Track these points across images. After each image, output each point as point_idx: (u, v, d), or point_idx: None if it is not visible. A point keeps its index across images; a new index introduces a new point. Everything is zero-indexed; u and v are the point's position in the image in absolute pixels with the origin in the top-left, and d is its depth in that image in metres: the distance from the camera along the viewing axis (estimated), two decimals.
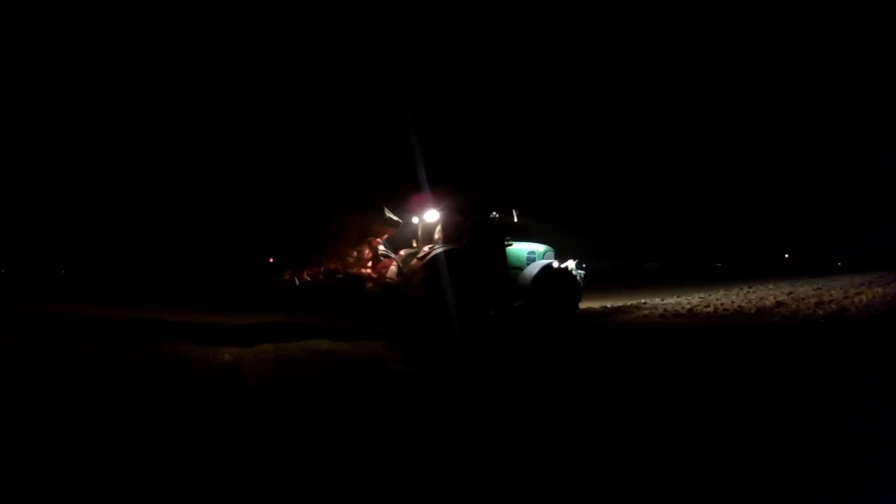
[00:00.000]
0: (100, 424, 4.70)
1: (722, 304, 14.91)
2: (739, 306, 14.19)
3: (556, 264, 12.79)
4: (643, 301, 17.24)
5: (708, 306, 14.73)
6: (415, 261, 11.69)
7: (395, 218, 11.96)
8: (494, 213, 12.46)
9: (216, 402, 5.42)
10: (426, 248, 11.79)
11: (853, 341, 8.58)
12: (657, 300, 17.48)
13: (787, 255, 51.50)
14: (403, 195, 12.49)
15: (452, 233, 12.08)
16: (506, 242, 12.48)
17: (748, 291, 18.61)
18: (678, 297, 18.40)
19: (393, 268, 12.24)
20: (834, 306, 12.78)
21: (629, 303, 16.88)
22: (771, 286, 20.41)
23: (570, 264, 13.24)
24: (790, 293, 16.44)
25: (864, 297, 13.82)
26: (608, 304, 16.00)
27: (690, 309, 14.18)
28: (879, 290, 15.09)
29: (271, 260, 11.80)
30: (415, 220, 12.89)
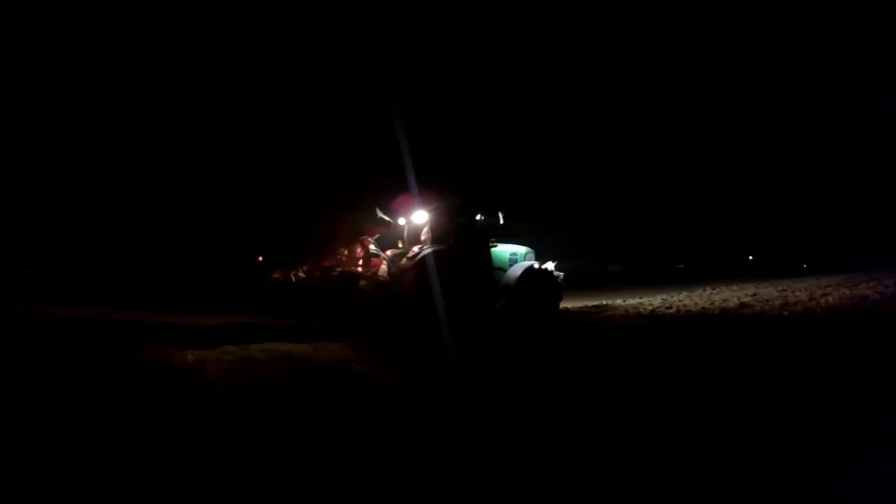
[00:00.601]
0: (52, 428, 4.65)
1: (685, 306, 14.52)
2: (703, 308, 13.87)
3: (536, 265, 13.09)
4: (604, 303, 16.77)
5: (670, 307, 14.34)
6: (404, 261, 11.91)
7: (387, 218, 12.31)
8: (480, 215, 12.81)
9: (171, 405, 5.34)
10: (415, 249, 11.98)
11: (817, 340, 8.37)
12: (619, 301, 17.05)
13: (750, 257, 51.46)
14: (392, 196, 12.75)
15: (440, 234, 12.30)
16: (490, 244, 12.87)
17: (711, 293, 18.25)
18: (640, 298, 18.01)
19: (384, 267, 12.42)
20: (799, 307, 12.40)
21: (589, 304, 16.42)
22: (735, 287, 20.02)
23: (550, 266, 13.48)
24: (754, 294, 16.06)
25: (830, 299, 13.46)
26: (569, 306, 15.33)
27: (652, 311, 13.80)
28: (846, 291, 14.73)
29: (261, 258, 11.99)
30: (402, 220, 13.11)
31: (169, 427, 4.62)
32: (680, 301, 16.02)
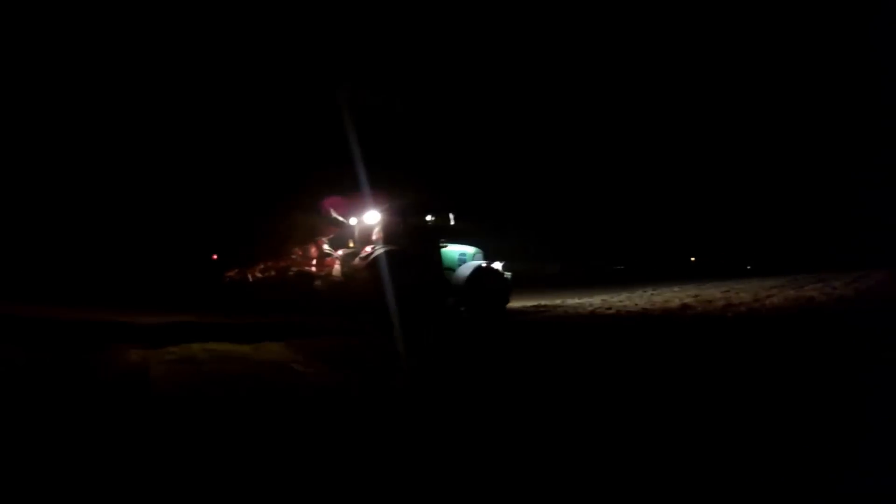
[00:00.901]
0: None
1: (625, 307, 13.96)
2: (643, 308, 13.35)
3: (484, 265, 13.21)
4: (542, 303, 16.00)
5: (610, 308, 13.80)
6: (357, 260, 12.04)
7: (340, 218, 12.46)
8: (430, 215, 12.97)
9: (113, 406, 5.27)
10: (368, 249, 12.10)
11: (760, 342, 8.07)
12: (557, 302, 16.39)
13: (693, 258, 51.51)
14: (343, 195, 12.81)
15: (391, 234, 12.32)
16: (441, 244, 13.04)
17: (652, 294, 17.68)
18: (579, 299, 17.45)
19: (337, 266, 12.47)
20: (743, 308, 11.87)
21: (528, 304, 15.63)
22: (676, 288, 19.50)
23: (498, 265, 13.53)
24: (696, 296, 15.47)
25: (775, 300, 12.93)
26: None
27: (592, 311, 13.29)
28: (792, 293, 14.26)
29: (215, 257, 12.01)
30: (352, 220, 13.18)
31: (101, 429, 4.52)
32: (620, 302, 15.52)
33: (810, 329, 8.85)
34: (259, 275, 11.91)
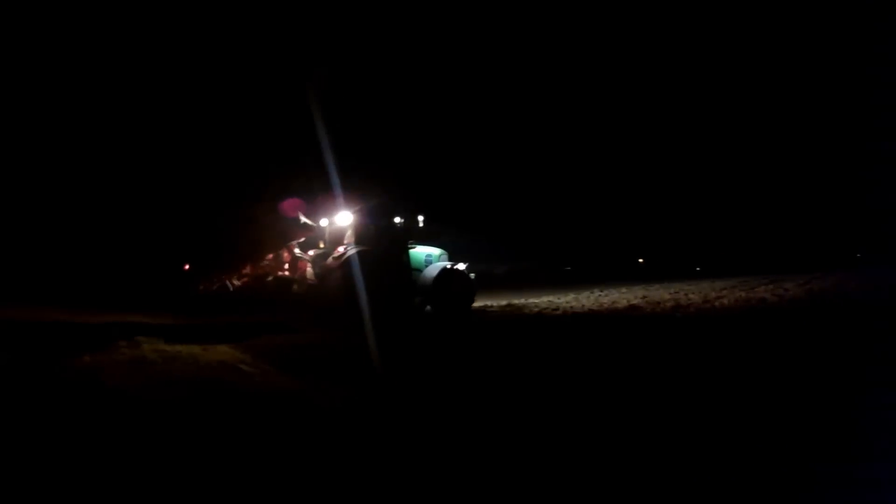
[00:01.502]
0: None
1: (571, 308, 13.70)
2: (590, 309, 13.14)
3: (450, 266, 13.64)
4: (490, 304, 15.69)
5: (556, 309, 13.50)
6: (330, 260, 12.38)
7: (310, 222, 12.80)
8: (398, 217, 13.43)
9: (64, 411, 5.20)
10: (340, 249, 12.45)
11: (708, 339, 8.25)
12: (503, 303, 16.03)
13: (641, 260, 51.43)
14: (313, 198, 13.27)
15: (362, 235, 12.72)
16: (408, 245, 13.48)
17: (599, 294, 17.26)
18: (525, 300, 17.12)
19: (309, 269, 12.79)
20: (692, 310, 11.59)
21: (475, 305, 14.96)
22: (624, 289, 18.99)
23: (461, 266, 13.89)
24: (644, 297, 15.09)
25: (725, 301, 12.50)
26: None
27: (539, 312, 13.12)
28: (742, 294, 13.92)
29: (187, 267, 12.02)
30: (323, 222, 13.54)
31: (50, 433, 4.55)
32: (567, 303, 15.27)
33: (761, 330, 8.79)
34: (237, 283, 12.10)
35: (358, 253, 11.98)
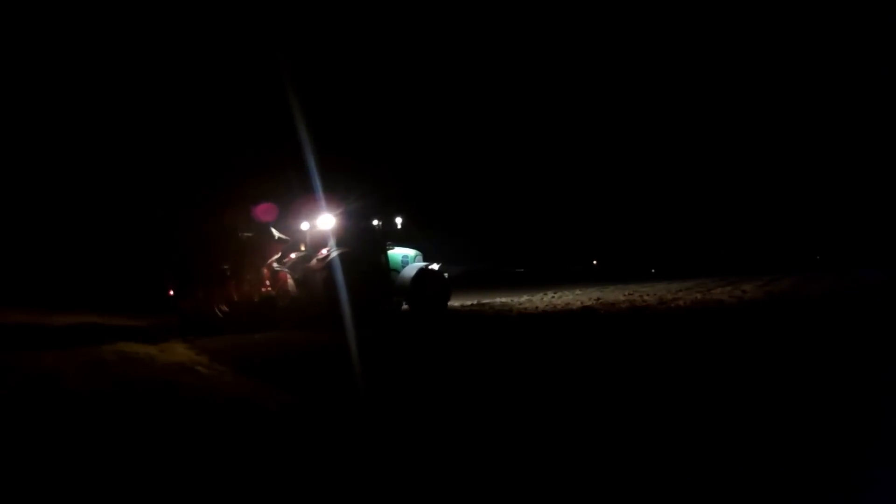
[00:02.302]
0: None
1: (525, 309, 13.20)
2: (543, 311, 12.63)
3: (425, 267, 13.97)
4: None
5: (510, 311, 13.06)
6: (314, 262, 12.61)
7: (284, 237, 12.82)
8: (377, 219, 13.77)
9: (25, 411, 5.25)
10: (324, 251, 12.69)
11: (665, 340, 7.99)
12: (457, 304, 15.62)
13: (595, 262, 51.45)
14: (293, 201, 13.69)
15: (343, 237, 12.94)
16: (386, 247, 13.77)
17: (553, 296, 16.74)
18: (479, 300, 16.84)
19: (290, 280, 12.82)
20: (648, 312, 11.12)
21: None
22: (578, 291, 18.64)
23: (435, 267, 14.21)
24: (598, 299, 14.59)
25: (681, 304, 12.03)
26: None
27: (496, 314, 12.79)
28: (698, 296, 13.55)
29: (171, 293, 11.94)
30: (303, 226, 13.78)
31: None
32: (520, 304, 14.86)
33: (718, 330, 8.48)
34: (225, 308, 11.98)
35: (340, 255, 12.24)
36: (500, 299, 16.89)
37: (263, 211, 12.81)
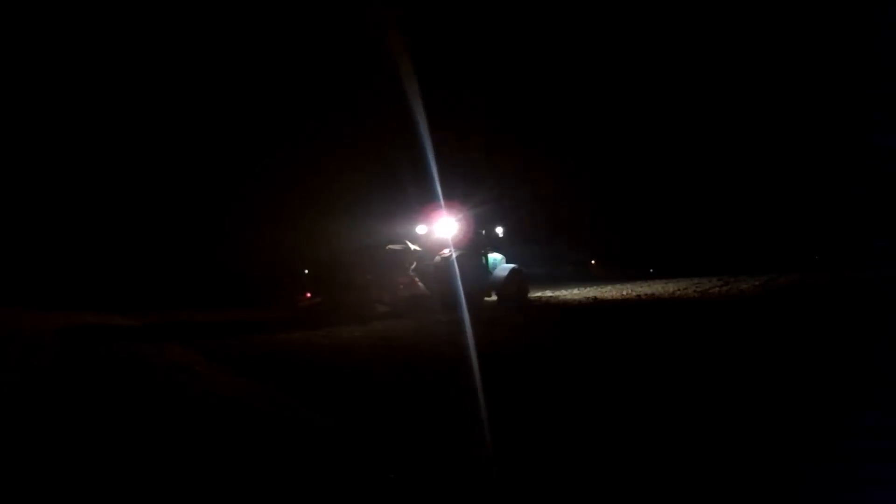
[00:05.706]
0: None
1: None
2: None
3: (513, 268, 15.88)
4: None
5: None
6: (438, 259, 14.43)
7: (415, 247, 14.88)
8: (483, 228, 16.02)
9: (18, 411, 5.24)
10: (445, 252, 14.54)
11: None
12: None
13: (593, 262, 51.29)
14: (418, 209, 15.72)
15: (460, 241, 15.15)
16: (484, 251, 15.80)
17: (550, 297, 16.96)
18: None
19: (419, 283, 14.60)
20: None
21: None
22: (575, 291, 18.79)
23: (510, 267, 16.08)
24: (595, 298, 15.08)
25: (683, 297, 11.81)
26: None
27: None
28: (696, 294, 13.16)
29: (308, 294, 14.49)
30: (420, 229, 15.77)
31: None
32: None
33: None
34: (387, 298, 14.08)
35: (457, 256, 14.21)
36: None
37: (427, 215, 15.36)
